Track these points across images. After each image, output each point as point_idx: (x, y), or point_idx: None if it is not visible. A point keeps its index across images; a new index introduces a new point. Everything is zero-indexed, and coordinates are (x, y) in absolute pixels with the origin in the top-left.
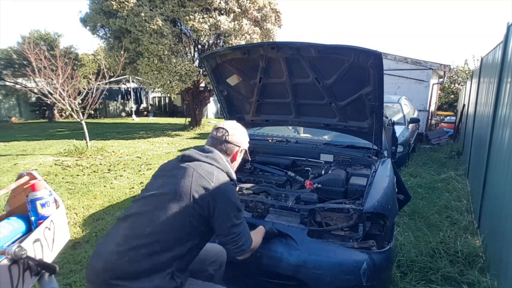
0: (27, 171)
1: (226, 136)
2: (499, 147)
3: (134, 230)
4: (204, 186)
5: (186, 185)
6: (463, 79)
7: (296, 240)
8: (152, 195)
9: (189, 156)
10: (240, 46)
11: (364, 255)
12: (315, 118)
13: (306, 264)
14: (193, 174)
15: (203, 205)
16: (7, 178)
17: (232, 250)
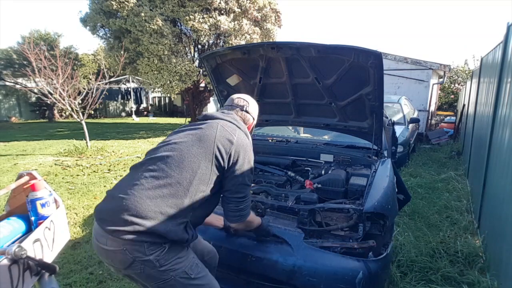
0: (27, 171)
1: (247, 106)
2: (499, 147)
3: (156, 172)
4: (228, 138)
5: (211, 134)
6: (463, 79)
7: (292, 246)
8: (174, 143)
9: (212, 115)
10: (240, 46)
11: (360, 264)
12: (315, 118)
13: (301, 270)
14: (218, 127)
15: (224, 156)
16: (7, 178)
17: (231, 211)
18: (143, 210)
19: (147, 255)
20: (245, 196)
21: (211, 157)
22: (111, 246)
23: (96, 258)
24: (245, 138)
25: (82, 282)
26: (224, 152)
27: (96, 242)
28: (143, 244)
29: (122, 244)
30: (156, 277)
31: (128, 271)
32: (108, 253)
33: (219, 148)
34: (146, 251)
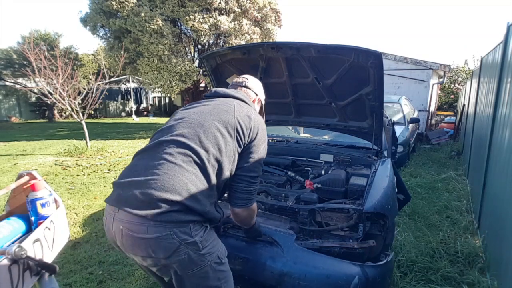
0: (27, 171)
1: (246, 82)
2: (499, 147)
3: (182, 149)
4: (247, 114)
5: (230, 110)
6: (463, 79)
7: (283, 247)
8: (194, 120)
9: (224, 92)
10: (240, 46)
11: (356, 269)
12: (315, 118)
13: (291, 274)
14: (234, 103)
15: (245, 131)
16: (7, 178)
17: (240, 192)
18: (182, 188)
19: (192, 237)
20: (257, 176)
21: (233, 132)
22: (155, 232)
23: (96, 258)
24: (260, 117)
25: (82, 282)
26: (244, 127)
27: (129, 233)
28: (189, 224)
29: (168, 228)
30: (196, 262)
31: (171, 260)
32: (149, 242)
33: (240, 123)
34: (191, 232)
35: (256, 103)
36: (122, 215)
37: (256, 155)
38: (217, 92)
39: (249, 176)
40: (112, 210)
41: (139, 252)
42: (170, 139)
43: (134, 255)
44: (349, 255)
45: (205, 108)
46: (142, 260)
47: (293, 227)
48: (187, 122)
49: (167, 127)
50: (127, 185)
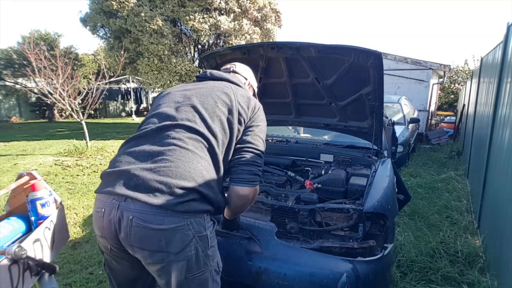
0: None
1: (234, 67)
2: (499, 147)
3: (189, 133)
4: (247, 96)
5: (229, 91)
6: (463, 79)
7: (261, 242)
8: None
9: (219, 74)
10: (240, 46)
11: (344, 265)
12: (315, 118)
13: (268, 272)
14: (231, 86)
15: (246, 110)
16: (7, 178)
17: (245, 162)
18: (198, 175)
19: (205, 229)
20: (261, 151)
21: (236, 114)
22: (172, 223)
23: (96, 258)
24: (257, 100)
25: (82, 282)
26: (246, 107)
27: (142, 224)
28: (203, 215)
29: (185, 218)
30: (199, 265)
31: (180, 256)
32: (164, 233)
33: (241, 104)
34: (205, 223)
35: (247, 88)
36: (133, 205)
37: (258, 130)
38: (212, 75)
39: (253, 148)
40: (114, 200)
41: (149, 245)
42: (176, 123)
43: (139, 250)
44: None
45: (204, 90)
46: (148, 256)
47: (293, 227)
48: (188, 105)
49: (163, 113)
50: (133, 173)
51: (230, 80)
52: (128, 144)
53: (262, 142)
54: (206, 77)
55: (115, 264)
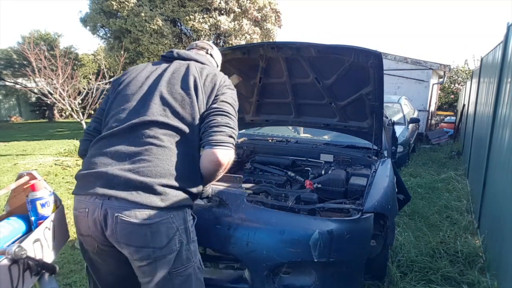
0: (27, 171)
1: (210, 50)
2: (499, 147)
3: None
4: (212, 73)
5: (195, 72)
6: (463, 79)
7: (231, 206)
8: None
9: (185, 54)
10: (240, 46)
11: (317, 222)
12: (315, 118)
13: (238, 234)
14: (196, 66)
15: (214, 88)
16: (7, 178)
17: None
18: (177, 171)
19: (187, 222)
20: (232, 114)
21: (206, 96)
22: (156, 217)
23: None
24: (224, 76)
25: (82, 282)
26: (213, 85)
27: (127, 220)
28: (185, 209)
29: (168, 212)
30: (183, 259)
31: (164, 251)
32: (149, 228)
33: (207, 84)
34: (187, 216)
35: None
36: (117, 202)
37: (225, 97)
38: (179, 55)
39: (222, 111)
40: (97, 199)
41: (135, 241)
42: (149, 120)
43: (126, 246)
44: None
45: (170, 76)
46: (134, 252)
47: None
48: (157, 96)
49: (133, 107)
50: (111, 173)
51: (197, 60)
52: (100, 143)
53: (232, 107)
54: (173, 57)
55: (100, 263)
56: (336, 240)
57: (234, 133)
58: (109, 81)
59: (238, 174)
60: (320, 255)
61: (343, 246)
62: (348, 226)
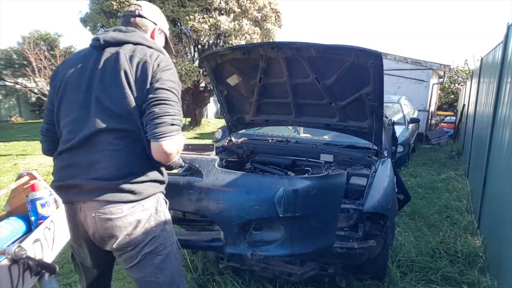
0: (27, 171)
1: (139, 10)
2: (499, 147)
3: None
4: (145, 56)
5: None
6: (463, 79)
7: (202, 172)
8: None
9: (113, 39)
10: (240, 46)
11: (282, 181)
12: (315, 118)
13: (209, 196)
14: (126, 56)
15: (150, 74)
16: (7, 178)
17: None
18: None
19: (160, 207)
20: (173, 99)
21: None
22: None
23: None
24: (159, 54)
25: None
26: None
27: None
28: (156, 196)
29: (139, 202)
30: (160, 239)
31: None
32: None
33: (141, 72)
34: (158, 203)
35: (157, 35)
36: (93, 204)
37: (160, 83)
38: (106, 42)
39: (159, 99)
40: (75, 204)
41: (114, 234)
42: (97, 129)
43: (109, 240)
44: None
45: (102, 74)
46: (116, 243)
47: None
48: (97, 102)
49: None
50: (80, 183)
51: (127, 41)
52: (62, 156)
53: (169, 92)
54: (101, 45)
55: (84, 255)
56: (301, 197)
57: (176, 119)
58: None
59: None
60: (285, 210)
61: (309, 201)
62: (314, 183)
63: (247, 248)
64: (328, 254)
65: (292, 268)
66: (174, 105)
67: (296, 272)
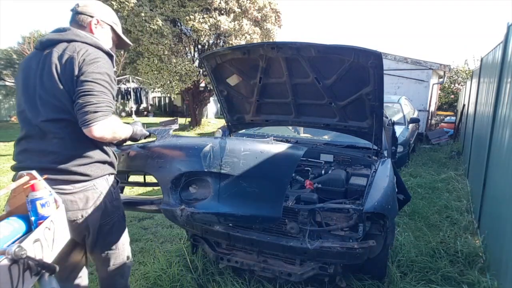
0: (27, 171)
1: (76, 7)
2: (499, 147)
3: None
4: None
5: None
6: (463, 79)
7: (158, 138)
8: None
9: (48, 40)
10: (240, 46)
11: (213, 140)
12: (315, 118)
13: (153, 156)
14: (58, 56)
15: (71, 73)
16: (7, 178)
17: (79, 107)
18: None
19: (109, 186)
20: (96, 90)
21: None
22: (81, 186)
23: None
24: (90, 48)
25: None
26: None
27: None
28: (105, 176)
29: (90, 181)
30: (108, 212)
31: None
32: (78, 195)
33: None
34: (108, 182)
35: (95, 27)
36: (50, 182)
37: (85, 76)
38: (42, 44)
39: (82, 91)
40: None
41: (69, 207)
42: (43, 120)
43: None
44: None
45: (40, 73)
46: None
47: (293, 227)
48: (39, 97)
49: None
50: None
51: (61, 40)
52: (20, 143)
53: (92, 83)
54: (43, 47)
55: None
56: (228, 154)
57: (100, 106)
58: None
59: None
60: (210, 165)
61: (239, 162)
62: (244, 143)
63: (177, 204)
64: (328, 254)
65: (292, 268)
66: (98, 94)
67: (296, 272)
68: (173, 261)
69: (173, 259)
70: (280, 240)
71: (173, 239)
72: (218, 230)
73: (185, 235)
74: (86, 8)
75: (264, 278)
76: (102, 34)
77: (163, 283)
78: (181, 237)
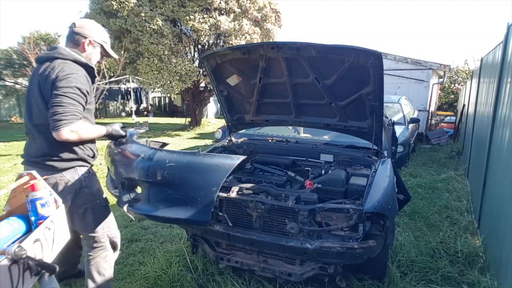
0: (27, 171)
1: (73, 27)
2: (499, 147)
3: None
4: (50, 73)
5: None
6: (463, 79)
7: (126, 140)
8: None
9: (41, 57)
10: (240, 46)
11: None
12: (315, 118)
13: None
14: (45, 68)
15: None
16: (7, 178)
17: (49, 116)
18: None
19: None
20: (64, 101)
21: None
22: (54, 177)
23: None
24: (66, 64)
25: (82, 282)
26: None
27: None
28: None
29: (60, 172)
30: (81, 198)
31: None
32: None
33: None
34: (77, 173)
35: (89, 46)
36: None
37: (57, 90)
38: (38, 60)
39: (53, 102)
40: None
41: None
42: (34, 124)
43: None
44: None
45: (32, 84)
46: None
47: (293, 227)
48: (32, 104)
49: (28, 117)
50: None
51: (48, 58)
52: (28, 142)
53: (62, 96)
54: (39, 61)
55: None
56: (155, 166)
57: (65, 115)
58: (109, 81)
59: (238, 174)
60: (139, 175)
61: (165, 172)
62: (172, 157)
63: (125, 203)
64: (328, 254)
65: (292, 268)
66: (65, 105)
67: (296, 272)
68: (173, 261)
69: (173, 259)
70: (280, 240)
71: (173, 239)
72: (218, 230)
73: (185, 235)
74: (81, 30)
75: (264, 278)
76: (92, 51)
77: (163, 283)
78: (181, 237)
